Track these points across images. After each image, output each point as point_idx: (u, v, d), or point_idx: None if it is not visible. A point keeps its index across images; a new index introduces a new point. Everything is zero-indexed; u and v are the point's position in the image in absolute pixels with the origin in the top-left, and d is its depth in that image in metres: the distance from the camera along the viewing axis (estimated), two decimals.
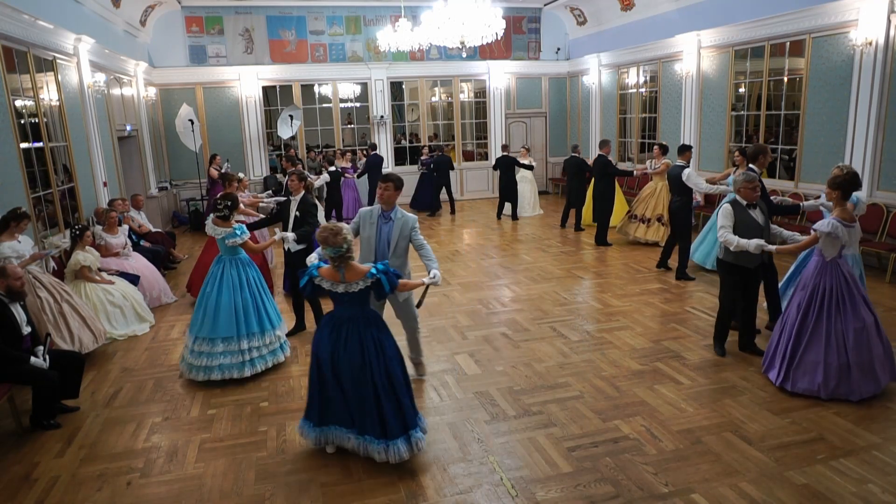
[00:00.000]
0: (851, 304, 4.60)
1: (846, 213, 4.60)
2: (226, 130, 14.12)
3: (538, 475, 3.84)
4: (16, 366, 4.47)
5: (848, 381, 4.53)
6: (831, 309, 4.61)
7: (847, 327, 4.57)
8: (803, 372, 4.67)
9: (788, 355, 4.76)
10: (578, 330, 6.35)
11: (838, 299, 4.62)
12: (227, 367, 5.29)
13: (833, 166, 8.62)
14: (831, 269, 4.67)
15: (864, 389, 4.55)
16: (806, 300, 4.73)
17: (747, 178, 5.15)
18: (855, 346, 4.53)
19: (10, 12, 6.72)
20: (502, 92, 15.70)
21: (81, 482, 3.94)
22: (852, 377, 4.52)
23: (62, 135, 8.21)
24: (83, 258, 6.39)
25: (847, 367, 4.53)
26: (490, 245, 10.62)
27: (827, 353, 4.57)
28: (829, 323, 4.60)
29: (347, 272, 3.81)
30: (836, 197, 4.66)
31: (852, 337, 4.54)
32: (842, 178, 4.61)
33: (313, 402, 4.06)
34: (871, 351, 4.56)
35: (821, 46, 8.84)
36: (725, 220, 5.11)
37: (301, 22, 14.24)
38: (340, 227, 3.75)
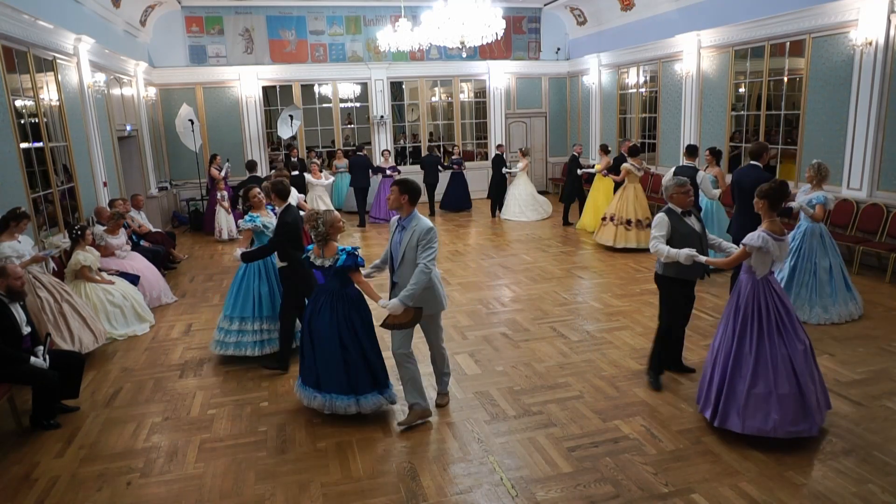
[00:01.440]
0: (791, 325, 4.08)
1: (775, 226, 4.11)
2: (226, 130, 14.12)
3: (538, 475, 3.84)
4: (16, 366, 4.47)
5: (805, 413, 3.96)
6: (771, 332, 4.04)
7: (792, 350, 4.01)
8: (754, 408, 4.01)
9: (726, 390, 4.13)
10: (578, 330, 6.35)
11: (777, 320, 4.06)
12: (242, 345, 5.76)
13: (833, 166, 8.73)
14: (765, 288, 4.11)
15: (821, 418, 4.08)
16: (740, 325, 4.13)
17: (678, 182, 4.71)
18: (805, 369, 4.00)
19: (10, 12, 6.72)
20: (502, 92, 15.70)
21: (81, 482, 3.94)
22: (808, 407, 3.97)
23: (62, 135, 8.21)
24: (83, 258, 6.39)
25: (801, 395, 3.96)
26: (490, 245, 10.62)
27: (777, 384, 3.97)
28: (773, 348, 4.02)
29: (325, 250, 4.51)
30: (764, 207, 4.16)
31: (800, 360, 4.00)
32: (768, 188, 4.14)
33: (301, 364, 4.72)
34: (816, 374, 4.12)
35: (821, 46, 8.84)
36: (658, 230, 4.65)
37: (301, 22, 14.24)
38: (317, 213, 4.58)
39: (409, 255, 4.27)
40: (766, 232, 4.05)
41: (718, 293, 7.30)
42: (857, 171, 8.39)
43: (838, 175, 8.71)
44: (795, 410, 3.95)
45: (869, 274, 7.90)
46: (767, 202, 4.13)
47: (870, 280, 7.66)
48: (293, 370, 5.54)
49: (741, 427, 4.04)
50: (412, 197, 4.33)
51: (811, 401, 3.98)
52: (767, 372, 3.99)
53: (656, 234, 4.66)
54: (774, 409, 3.95)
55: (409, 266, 4.27)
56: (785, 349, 4.01)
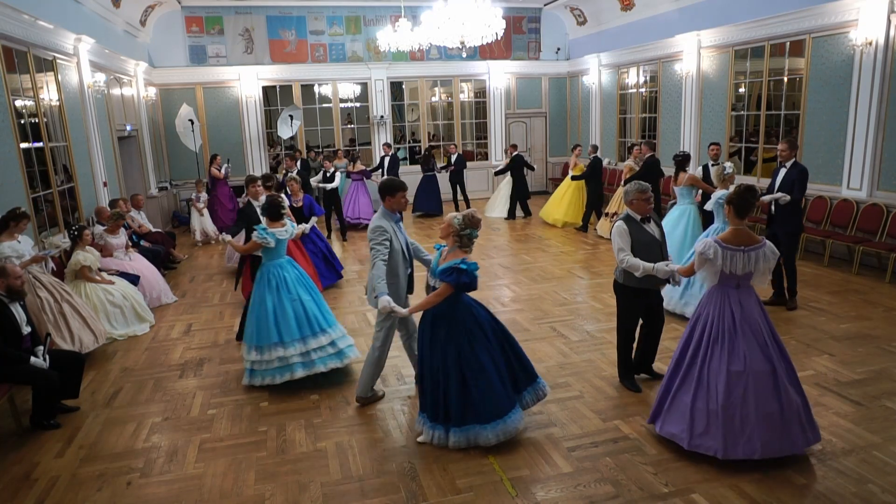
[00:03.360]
0: (731, 343, 3.79)
1: (738, 235, 3.81)
2: (226, 130, 14.12)
3: (538, 475, 3.84)
4: (16, 366, 4.47)
5: (715, 434, 3.77)
6: (710, 344, 3.86)
7: (720, 369, 3.78)
8: (673, 414, 3.99)
9: (661, 393, 4.13)
10: (578, 330, 6.35)
11: (718, 334, 3.84)
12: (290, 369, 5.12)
13: (833, 166, 8.74)
14: (717, 299, 3.89)
15: (731, 448, 3.74)
16: (687, 334, 4.02)
17: (640, 188, 4.54)
18: (725, 392, 3.74)
19: (10, 12, 6.72)
20: (502, 92, 15.70)
21: (81, 482, 3.95)
22: (720, 429, 3.75)
23: (62, 135, 8.21)
24: (83, 258, 6.39)
25: (716, 415, 3.77)
26: (490, 245, 10.62)
27: (696, 397, 3.85)
28: (704, 362, 3.86)
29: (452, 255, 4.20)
30: (730, 214, 3.95)
31: (724, 381, 3.75)
32: (732, 194, 3.95)
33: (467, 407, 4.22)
34: (747, 403, 3.72)
35: (821, 46, 8.84)
36: (622, 241, 4.46)
37: (301, 22, 14.24)
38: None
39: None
40: (717, 240, 3.82)
41: None
42: (857, 171, 8.39)
43: (838, 175, 8.71)
44: (706, 426, 3.79)
45: (869, 274, 7.90)
46: (731, 208, 3.91)
47: (870, 280, 7.66)
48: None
49: (659, 428, 4.09)
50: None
51: (739, 426, 3.70)
52: (692, 382, 3.88)
53: (622, 245, 4.47)
54: (687, 418, 3.86)
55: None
56: (717, 364, 3.79)
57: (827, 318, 6.37)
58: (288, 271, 5.28)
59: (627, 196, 4.62)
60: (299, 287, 5.27)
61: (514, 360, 4.29)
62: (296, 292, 5.20)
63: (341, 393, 5.10)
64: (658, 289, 4.80)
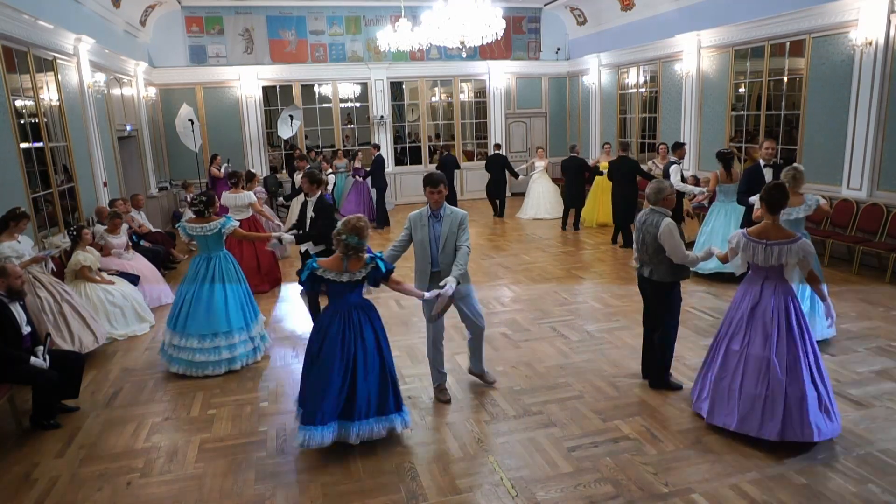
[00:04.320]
0: (762, 328, 4.06)
1: (765, 230, 4.05)
2: (226, 130, 14.12)
3: (538, 475, 3.84)
4: (16, 366, 4.47)
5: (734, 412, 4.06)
6: (739, 329, 4.17)
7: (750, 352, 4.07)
8: (719, 401, 4.20)
9: (701, 378, 4.44)
10: (578, 330, 6.35)
11: (750, 320, 4.12)
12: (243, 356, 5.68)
13: (833, 166, 8.74)
14: (746, 288, 4.23)
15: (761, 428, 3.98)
16: (726, 319, 4.33)
17: (671, 185, 4.68)
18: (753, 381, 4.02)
19: (10, 12, 6.72)
20: (502, 92, 15.70)
21: (81, 482, 3.95)
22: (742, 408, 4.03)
23: (62, 135, 8.21)
24: (84, 258, 6.39)
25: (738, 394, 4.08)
26: (490, 245, 10.62)
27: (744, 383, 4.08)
28: (746, 348, 4.10)
29: (352, 262, 4.04)
30: (763, 210, 4.16)
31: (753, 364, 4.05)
32: (764, 189, 4.14)
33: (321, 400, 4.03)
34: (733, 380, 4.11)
35: (821, 46, 8.84)
36: (679, 238, 4.52)
37: (301, 22, 14.24)
38: (367, 221, 4.11)
39: (450, 242, 4.59)
40: (744, 232, 4.16)
41: (718, 293, 7.30)
42: (857, 171, 8.39)
43: (838, 175, 8.71)
44: (758, 411, 3.98)
45: (869, 274, 7.90)
46: (765, 205, 4.11)
47: (870, 280, 7.66)
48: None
49: (706, 415, 4.29)
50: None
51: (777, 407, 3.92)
52: (738, 369, 4.11)
53: (680, 239, 4.50)
54: (736, 405, 4.08)
55: (449, 252, 4.60)
56: (760, 351, 4.02)
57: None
58: (210, 266, 5.64)
59: (661, 194, 4.58)
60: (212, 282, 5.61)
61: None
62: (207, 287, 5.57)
63: None
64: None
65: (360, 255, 4.05)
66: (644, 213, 4.71)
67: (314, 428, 3.97)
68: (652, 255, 4.63)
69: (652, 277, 4.73)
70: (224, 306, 5.55)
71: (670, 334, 4.87)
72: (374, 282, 4.12)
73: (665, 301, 4.78)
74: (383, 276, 4.09)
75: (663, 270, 4.64)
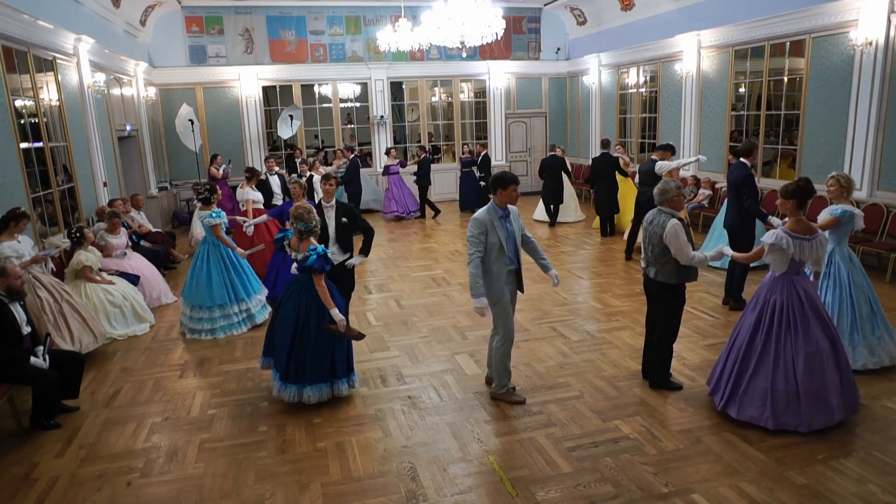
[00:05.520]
0: (804, 326, 4.13)
1: (800, 225, 4.16)
2: (226, 130, 14.12)
3: (538, 475, 3.84)
4: (16, 366, 4.47)
5: (797, 411, 4.10)
6: (780, 330, 4.17)
7: (797, 351, 4.11)
8: (750, 399, 4.24)
9: (734, 379, 4.33)
10: (578, 330, 6.35)
11: (789, 319, 4.15)
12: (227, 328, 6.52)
13: (833, 166, 8.74)
14: (783, 285, 4.21)
15: (815, 420, 4.10)
16: (755, 319, 4.28)
17: (678, 185, 4.61)
18: (805, 372, 4.07)
19: (10, 12, 6.72)
20: (502, 92, 15.70)
21: (81, 482, 3.95)
22: (801, 406, 4.09)
23: (62, 135, 8.21)
24: (85, 258, 6.39)
25: (796, 395, 4.09)
26: None
27: (774, 380, 4.14)
28: (779, 345, 4.16)
29: (302, 244, 4.63)
30: (791, 207, 4.22)
31: (802, 362, 4.08)
32: (794, 187, 4.18)
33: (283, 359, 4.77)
34: (824, 379, 4.08)
35: (821, 46, 8.84)
36: (685, 238, 4.46)
37: (301, 22, 14.24)
38: (311, 207, 4.70)
39: (518, 238, 4.68)
40: (785, 230, 4.15)
41: (718, 293, 7.30)
42: (857, 172, 8.38)
43: None
44: (787, 406, 4.12)
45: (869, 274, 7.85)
46: (795, 201, 4.18)
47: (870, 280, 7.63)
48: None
49: (737, 413, 4.29)
50: None
51: (804, 400, 4.08)
52: (768, 367, 4.17)
53: (686, 242, 4.45)
54: (769, 401, 4.15)
55: (517, 249, 4.67)
56: (791, 348, 4.12)
57: None
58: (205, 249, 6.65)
59: (667, 194, 4.57)
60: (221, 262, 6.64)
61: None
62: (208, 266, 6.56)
63: None
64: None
65: (307, 240, 4.62)
66: (651, 214, 4.72)
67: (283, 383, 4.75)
68: (658, 255, 4.62)
69: (657, 278, 4.71)
70: (208, 284, 6.48)
71: (670, 335, 4.87)
72: (302, 269, 4.61)
73: (668, 302, 4.77)
74: (307, 267, 4.54)
75: (668, 271, 4.62)
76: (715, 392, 4.55)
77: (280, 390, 4.76)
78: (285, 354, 4.70)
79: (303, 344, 4.66)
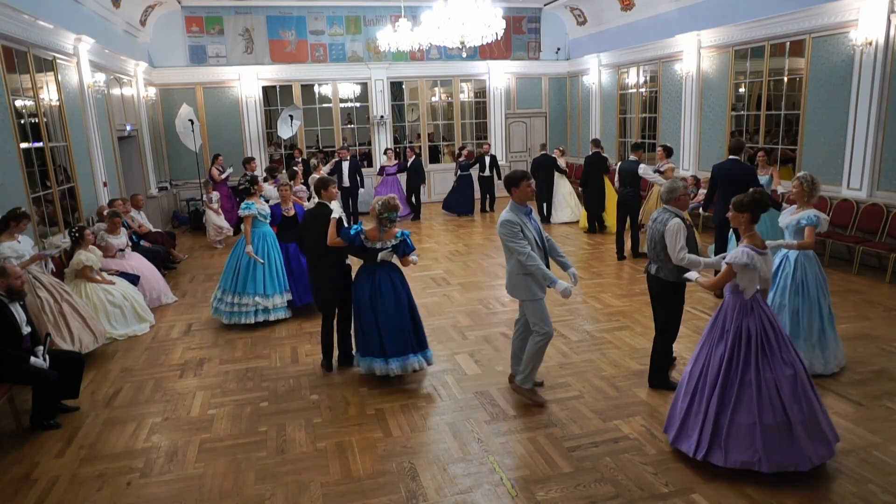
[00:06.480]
0: (779, 348, 3.74)
1: (756, 240, 3.80)
2: (226, 130, 14.11)
3: (538, 475, 3.84)
4: (16, 366, 4.47)
5: (792, 445, 3.62)
6: (758, 356, 3.71)
7: (779, 377, 3.66)
8: (737, 440, 3.68)
9: (713, 420, 3.76)
10: (578, 330, 6.35)
11: (764, 344, 3.73)
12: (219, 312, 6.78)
13: (833, 166, 8.74)
14: (753, 308, 3.79)
15: (817, 454, 3.65)
16: (729, 350, 3.77)
17: (685, 185, 4.60)
18: (792, 398, 3.63)
19: (10, 12, 6.72)
20: (502, 92, 15.70)
21: (81, 482, 3.95)
22: (796, 438, 3.61)
23: (62, 135, 8.21)
24: (85, 258, 6.39)
25: (788, 426, 3.62)
26: (490, 245, 10.62)
27: (760, 412, 3.62)
28: (759, 374, 3.67)
29: (387, 233, 5.09)
30: (745, 221, 3.84)
31: (787, 387, 3.64)
32: (749, 200, 3.82)
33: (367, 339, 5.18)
34: (811, 403, 3.68)
35: (821, 46, 8.84)
36: (682, 239, 4.41)
37: (301, 22, 14.24)
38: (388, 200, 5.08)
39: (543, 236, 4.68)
40: (750, 247, 3.75)
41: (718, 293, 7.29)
42: (857, 171, 8.39)
43: (838, 175, 8.71)
44: (780, 441, 3.62)
45: (869, 274, 7.91)
46: (749, 215, 3.82)
47: (870, 280, 7.66)
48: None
49: (724, 460, 3.70)
50: None
51: (798, 431, 3.61)
52: (752, 400, 3.66)
53: (683, 242, 4.40)
54: (759, 439, 3.62)
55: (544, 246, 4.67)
56: (770, 374, 3.67)
57: None
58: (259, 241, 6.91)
59: (674, 193, 4.56)
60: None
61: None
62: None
63: (341, 393, 5.10)
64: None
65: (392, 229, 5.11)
66: (657, 212, 4.75)
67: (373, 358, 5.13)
68: (660, 252, 4.64)
69: (658, 275, 4.74)
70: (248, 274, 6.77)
71: (670, 333, 4.88)
72: (402, 251, 5.15)
73: (669, 299, 4.79)
74: (406, 246, 5.15)
75: (670, 269, 4.63)
76: (681, 439, 3.93)
77: (381, 367, 5.09)
78: (376, 334, 5.08)
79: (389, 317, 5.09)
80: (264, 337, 6.46)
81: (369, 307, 5.08)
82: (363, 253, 5.13)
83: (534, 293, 4.56)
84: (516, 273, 4.55)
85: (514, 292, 4.67)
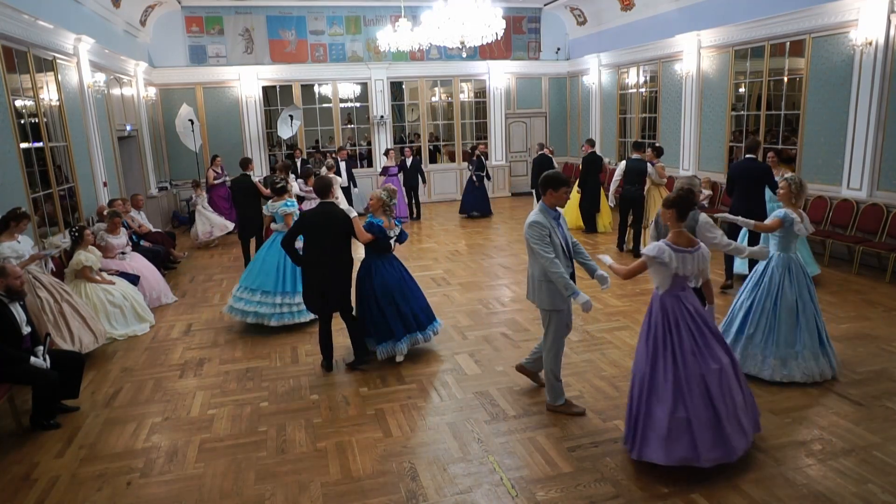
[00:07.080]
0: (704, 343, 3.75)
1: (682, 238, 3.77)
2: (226, 130, 14.11)
3: (538, 475, 3.84)
4: (16, 366, 4.47)
5: (720, 437, 3.67)
6: (685, 352, 3.72)
7: (706, 370, 3.69)
8: (677, 435, 3.67)
9: (643, 417, 3.79)
10: (578, 330, 6.35)
11: (689, 339, 3.74)
12: (261, 315, 6.47)
13: (833, 166, 8.74)
14: (674, 304, 3.79)
15: (739, 445, 3.73)
16: (652, 346, 3.80)
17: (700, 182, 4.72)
18: (718, 392, 3.68)
19: (10, 12, 6.72)
20: (502, 92, 15.70)
21: (81, 482, 3.95)
22: (723, 431, 3.67)
23: (62, 135, 8.21)
24: (85, 258, 6.39)
25: (717, 419, 3.67)
26: (490, 245, 10.62)
27: (696, 408, 3.65)
28: (688, 369, 3.69)
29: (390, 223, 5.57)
30: (672, 217, 3.81)
31: (715, 381, 3.69)
32: (675, 197, 3.81)
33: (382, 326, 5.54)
34: (733, 398, 3.75)
35: (821, 46, 8.84)
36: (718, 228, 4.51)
37: (301, 22, 14.24)
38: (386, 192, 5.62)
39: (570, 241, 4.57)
40: (667, 242, 3.75)
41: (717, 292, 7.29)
42: (857, 171, 8.39)
43: (838, 175, 8.71)
44: (713, 436, 3.66)
45: (869, 274, 7.90)
46: (675, 211, 3.78)
47: (870, 280, 7.66)
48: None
49: (664, 458, 3.67)
50: None
51: (726, 425, 3.66)
52: (684, 395, 3.67)
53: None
54: (697, 434, 3.63)
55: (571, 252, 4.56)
56: (698, 369, 3.68)
57: (827, 318, 6.33)
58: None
59: (695, 188, 4.54)
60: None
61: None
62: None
63: (341, 393, 5.11)
64: None
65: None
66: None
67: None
68: None
69: None
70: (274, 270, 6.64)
71: None
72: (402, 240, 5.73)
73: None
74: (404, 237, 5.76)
75: None
76: (627, 439, 3.94)
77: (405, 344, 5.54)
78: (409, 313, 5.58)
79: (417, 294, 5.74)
80: (264, 337, 6.45)
81: (399, 292, 5.54)
82: (384, 243, 5.51)
83: (556, 304, 4.39)
84: (539, 279, 4.37)
85: (535, 299, 4.49)
